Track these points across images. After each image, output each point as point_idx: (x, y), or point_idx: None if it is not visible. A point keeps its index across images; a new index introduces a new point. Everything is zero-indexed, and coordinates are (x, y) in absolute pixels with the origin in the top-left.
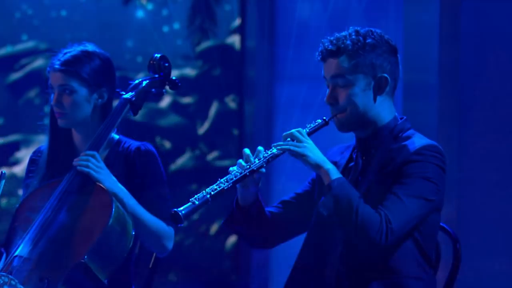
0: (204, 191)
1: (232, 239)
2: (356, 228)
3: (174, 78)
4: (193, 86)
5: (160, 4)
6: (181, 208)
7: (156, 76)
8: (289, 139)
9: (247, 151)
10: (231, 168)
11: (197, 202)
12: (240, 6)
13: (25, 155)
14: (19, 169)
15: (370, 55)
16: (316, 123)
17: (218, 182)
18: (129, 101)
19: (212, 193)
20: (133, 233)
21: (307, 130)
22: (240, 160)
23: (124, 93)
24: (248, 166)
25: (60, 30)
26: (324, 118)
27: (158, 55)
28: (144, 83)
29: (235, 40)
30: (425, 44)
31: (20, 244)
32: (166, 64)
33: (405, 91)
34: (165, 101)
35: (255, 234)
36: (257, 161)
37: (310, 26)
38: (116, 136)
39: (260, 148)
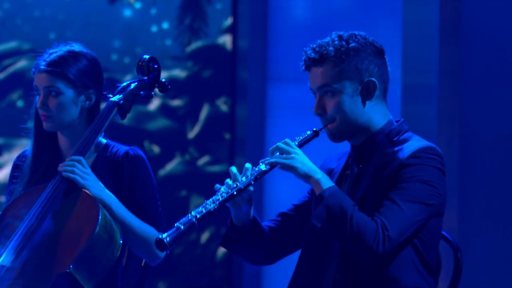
0: (189, 215)
1: (223, 248)
2: (351, 238)
3: (164, 80)
4: (183, 88)
5: (148, 2)
6: (166, 235)
7: (145, 78)
8: (277, 152)
9: (234, 169)
10: (217, 186)
11: (182, 227)
12: (232, 4)
13: (7, 160)
14: (2, 175)
15: (355, 60)
16: (306, 135)
17: (204, 203)
18: (117, 104)
19: (198, 216)
20: (121, 241)
21: (296, 143)
22: (228, 180)
23: (111, 96)
24: (235, 185)
25: (44, 30)
26: (314, 129)
27: (147, 56)
28: (133, 85)
29: (226, 40)
30: (424, 43)
31: (2, 253)
32: (156, 66)
33: (404, 93)
34: (154, 104)
35: (254, 253)
36: (244, 179)
37: (305, 25)
38: (104, 140)
39: (247, 165)
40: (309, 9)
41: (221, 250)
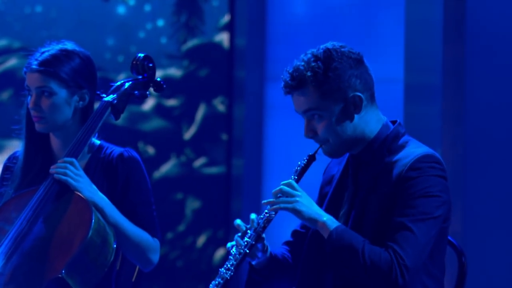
0: (210, 286)
1: (221, 252)
2: (367, 273)
3: (159, 79)
4: (179, 88)
5: None
6: None
7: (140, 77)
8: (280, 194)
9: (238, 221)
10: (228, 245)
11: None
12: (229, 1)
13: None
14: None
15: (335, 81)
16: (303, 164)
17: (219, 273)
18: (111, 104)
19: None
20: (115, 246)
21: (295, 177)
22: (237, 237)
23: (105, 95)
24: (245, 243)
25: (35, 28)
26: (310, 154)
27: (142, 55)
28: (127, 85)
29: (223, 38)
30: (428, 42)
31: None
32: (151, 65)
33: (407, 93)
34: (149, 104)
35: (281, 283)
36: (253, 232)
37: (305, 23)
38: (97, 142)
39: (252, 216)
40: (308, 6)
41: (218, 254)
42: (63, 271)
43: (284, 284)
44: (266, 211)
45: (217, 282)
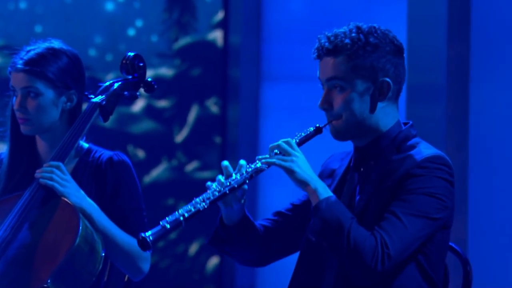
0: (176, 213)
1: (214, 261)
2: (348, 254)
3: (150, 79)
4: (170, 88)
5: None
6: (149, 233)
7: (130, 77)
8: (276, 151)
9: (226, 163)
10: (208, 183)
11: (168, 226)
12: None
13: None
14: None
15: (371, 57)
16: (308, 132)
17: (193, 201)
18: (99, 105)
19: (186, 215)
20: (103, 254)
21: (297, 140)
22: (219, 176)
23: (93, 96)
24: (228, 183)
25: (19, 25)
26: (317, 125)
27: (132, 54)
28: (116, 85)
29: (217, 36)
30: (431, 41)
31: None
32: (141, 64)
33: (410, 94)
34: (138, 105)
35: (245, 253)
36: (238, 177)
37: (302, 20)
38: (86, 145)
39: (242, 162)
40: (306, 3)
41: (212, 263)
42: (49, 281)
43: (247, 256)
44: (257, 161)
45: (188, 208)
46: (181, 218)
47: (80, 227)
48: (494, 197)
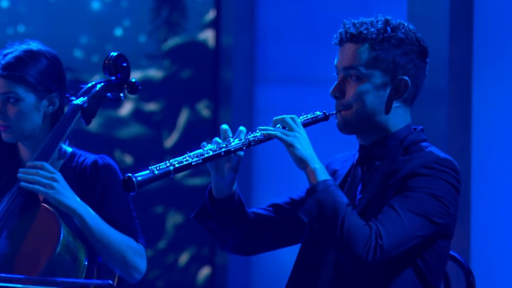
0: (167, 161)
1: (205, 272)
2: (340, 240)
3: (134, 80)
4: (159, 91)
5: None
6: (137, 174)
7: (113, 78)
8: (279, 125)
9: (225, 126)
10: (204, 143)
11: (156, 172)
12: None
13: None
14: None
15: (395, 52)
16: (314, 115)
17: (186, 155)
18: (80, 107)
19: (177, 165)
20: (86, 263)
21: (302, 120)
22: (217, 138)
23: (74, 98)
24: (224, 145)
25: (0, 25)
26: (325, 111)
27: (115, 54)
28: (98, 86)
29: (208, 36)
30: (433, 42)
31: None
32: (124, 64)
33: None
34: (126, 108)
35: (230, 234)
36: (236, 141)
37: (298, 20)
38: (69, 149)
39: (242, 128)
40: (302, 2)
41: (203, 274)
42: None
43: (231, 239)
44: (257, 131)
45: (180, 159)
46: (171, 168)
47: (62, 235)
48: (497, 203)
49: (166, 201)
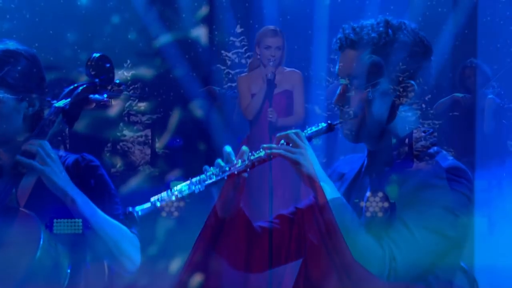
0: (169, 191)
1: (198, 279)
2: (353, 262)
3: (118, 81)
4: (150, 90)
5: None
6: (139, 208)
7: (96, 80)
8: (283, 141)
9: (228, 149)
10: (206, 167)
11: (158, 204)
12: None
13: None
14: None
15: (398, 55)
16: (319, 127)
17: (188, 182)
18: (62, 110)
19: (179, 195)
20: (69, 270)
21: (306, 134)
22: (219, 160)
23: (55, 101)
24: (227, 168)
25: None
26: (329, 122)
27: (97, 55)
28: (80, 88)
29: (201, 33)
30: (436, 42)
31: None
32: (107, 65)
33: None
34: (115, 109)
35: (237, 254)
36: (239, 163)
37: (296, 17)
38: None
39: (244, 148)
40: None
41: (195, 282)
42: None
43: (237, 257)
44: (261, 150)
45: (182, 189)
46: (173, 198)
47: (42, 239)
48: (502, 211)
49: None
